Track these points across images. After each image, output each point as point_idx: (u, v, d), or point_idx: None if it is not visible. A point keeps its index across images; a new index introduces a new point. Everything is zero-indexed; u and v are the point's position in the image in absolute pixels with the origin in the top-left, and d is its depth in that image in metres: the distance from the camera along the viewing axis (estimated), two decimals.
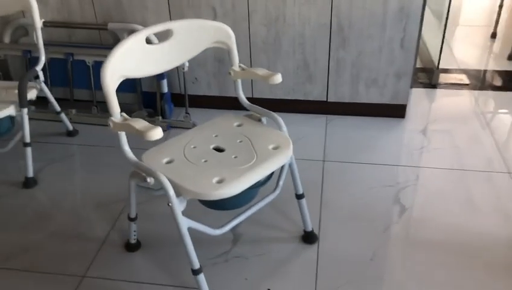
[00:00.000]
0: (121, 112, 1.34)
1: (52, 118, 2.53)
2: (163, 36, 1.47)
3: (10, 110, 1.98)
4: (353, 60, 2.40)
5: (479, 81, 2.98)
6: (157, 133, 1.23)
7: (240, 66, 1.63)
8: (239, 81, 1.67)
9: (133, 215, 1.66)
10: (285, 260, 1.71)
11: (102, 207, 1.97)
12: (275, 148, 1.49)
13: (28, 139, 2.05)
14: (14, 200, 2.03)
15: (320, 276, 1.63)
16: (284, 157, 1.48)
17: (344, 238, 1.79)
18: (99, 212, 1.94)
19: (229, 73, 1.64)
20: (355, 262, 1.68)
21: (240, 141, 1.54)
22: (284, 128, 1.60)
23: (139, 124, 1.27)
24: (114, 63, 1.31)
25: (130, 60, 1.36)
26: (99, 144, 2.41)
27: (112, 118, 1.33)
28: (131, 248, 1.74)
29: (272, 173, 1.50)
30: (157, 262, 1.70)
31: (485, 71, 3.15)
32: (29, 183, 2.09)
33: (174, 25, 1.47)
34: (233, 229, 1.82)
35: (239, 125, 1.63)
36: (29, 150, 2.07)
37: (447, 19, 2.74)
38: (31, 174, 2.10)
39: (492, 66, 3.26)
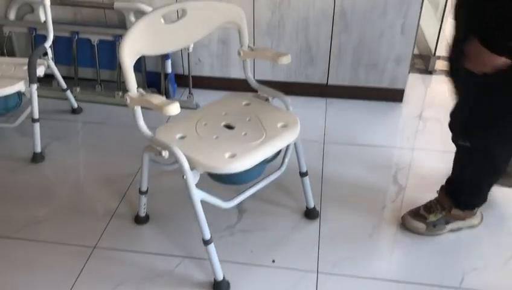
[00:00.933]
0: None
1: (56, 96, 2.57)
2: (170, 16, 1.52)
3: (20, 86, 2.02)
4: (354, 44, 2.46)
5: None
6: (175, 107, 1.29)
7: (249, 47, 1.68)
8: (248, 62, 1.73)
9: (144, 189, 1.72)
10: (289, 234, 1.79)
11: (110, 182, 2.02)
12: (284, 126, 1.56)
13: (36, 115, 2.10)
14: (23, 175, 2.07)
15: (322, 249, 1.71)
16: (292, 135, 1.55)
17: (344, 215, 1.87)
18: (107, 187, 2.00)
19: (239, 53, 1.70)
20: (355, 238, 1.77)
21: (249, 119, 1.60)
22: (291, 108, 1.66)
23: (157, 99, 1.33)
24: (132, 40, 1.36)
25: (147, 37, 1.41)
26: (103, 121, 2.45)
27: (129, 94, 1.38)
28: (140, 220, 1.80)
29: (280, 150, 1.56)
30: (166, 234, 1.77)
31: None
32: (37, 158, 2.14)
33: (188, 5, 1.51)
34: (238, 205, 1.88)
35: (247, 104, 1.69)
36: (37, 125, 2.11)
37: (445, 6, 2.81)
38: (38, 149, 2.14)
39: None
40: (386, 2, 2.33)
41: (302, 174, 1.78)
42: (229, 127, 1.57)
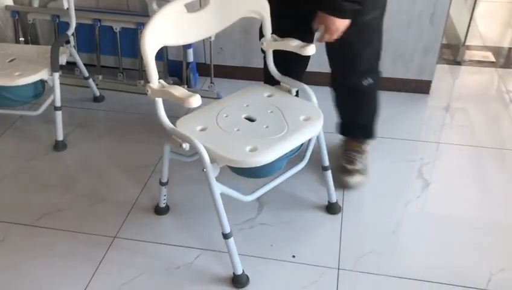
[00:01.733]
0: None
1: (78, 84, 2.57)
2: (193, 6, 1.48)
3: (43, 74, 2.02)
4: None
5: (505, 59, 2.95)
6: (196, 100, 1.26)
7: (272, 37, 1.64)
8: (270, 52, 1.69)
9: (164, 180, 1.71)
10: (310, 228, 1.76)
11: (131, 172, 2.02)
12: (306, 119, 1.52)
13: (59, 103, 2.10)
14: (45, 163, 2.09)
15: (343, 245, 1.68)
16: (315, 128, 1.51)
17: (367, 210, 1.83)
18: (127, 176, 2.00)
19: (262, 44, 1.66)
20: (378, 234, 1.73)
21: (271, 112, 1.56)
22: (315, 100, 1.62)
23: (178, 91, 1.30)
24: (154, 30, 1.33)
25: (169, 27, 1.38)
26: (125, 110, 2.45)
27: (151, 85, 1.36)
28: (160, 211, 1.80)
29: (302, 143, 1.53)
30: (185, 226, 1.76)
31: (510, 49, 3.11)
32: (59, 146, 2.15)
33: None
34: (258, 198, 1.86)
35: (269, 96, 1.66)
36: (59, 113, 2.11)
37: None
38: (61, 137, 2.15)
39: None
40: None
41: (325, 168, 1.74)
42: (250, 119, 1.53)
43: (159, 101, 1.40)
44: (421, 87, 2.52)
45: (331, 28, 1.51)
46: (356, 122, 1.91)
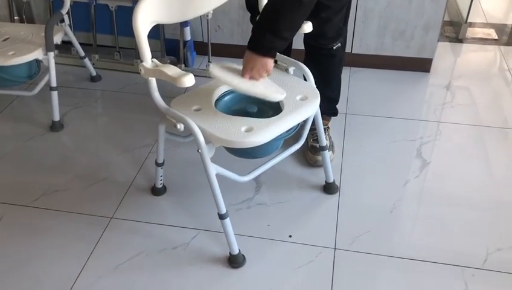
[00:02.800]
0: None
1: (74, 63, 2.55)
2: None
3: (37, 54, 2.00)
4: (381, 10, 2.35)
5: (508, 36, 2.90)
6: (189, 79, 1.24)
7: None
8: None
9: (160, 161, 1.70)
10: (307, 208, 1.75)
11: (128, 152, 2.01)
12: (303, 99, 1.50)
13: (54, 83, 2.08)
14: (42, 143, 2.08)
15: (340, 225, 1.67)
16: (312, 108, 1.49)
17: (365, 190, 1.82)
18: (124, 157, 1.99)
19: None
20: (375, 213, 1.72)
21: None
22: (312, 79, 1.59)
23: (171, 70, 1.28)
24: (145, 8, 1.31)
25: (162, 4, 1.35)
26: (122, 90, 2.43)
27: (143, 64, 1.33)
28: (157, 192, 1.79)
29: (298, 124, 1.51)
30: (182, 206, 1.76)
31: None
32: (55, 126, 2.14)
33: None
34: (255, 178, 1.85)
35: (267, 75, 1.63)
36: (55, 94, 2.09)
37: None
38: (57, 118, 2.13)
39: None
40: None
41: (322, 148, 1.73)
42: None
43: (153, 81, 1.38)
44: (422, 65, 2.49)
45: (257, 66, 1.41)
46: (322, 94, 1.82)
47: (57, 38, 2.08)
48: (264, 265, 1.54)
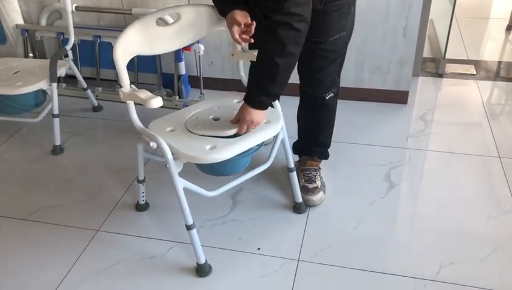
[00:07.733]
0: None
1: (79, 95, 2.78)
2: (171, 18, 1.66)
3: (42, 84, 2.23)
4: (358, 47, 2.54)
5: (487, 72, 3.05)
6: (157, 101, 1.43)
7: (241, 49, 1.81)
8: (241, 62, 1.86)
9: (141, 178, 1.87)
10: (277, 225, 1.89)
11: (119, 174, 2.20)
12: (266, 122, 1.67)
13: (56, 111, 2.30)
14: (43, 165, 2.29)
15: (306, 240, 1.80)
16: (272, 131, 1.66)
17: (332, 209, 1.96)
18: (116, 178, 2.18)
19: (232, 55, 1.83)
20: (340, 230, 1.85)
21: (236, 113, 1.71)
22: (278, 105, 1.77)
23: (144, 94, 1.48)
24: (125, 41, 1.52)
25: (140, 39, 1.56)
26: (120, 119, 2.64)
27: (122, 89, 1.53)
28: (140, 208, 1.96)
29: (262, 143, 1.67)
30: (162, 221, 1.92)
31: (499, 62, 3.21)
32: (56, 150, 2.35)
33: (181, 10, 1.66)
34: (232, 197, 2.02)
35: (238, 102, 1.81)
36: (57, 120, 2.32)
37: (453, 8, 2.83)
38: (58, 142, 2.35)
39: (506, 57, 3.32)
40: (388, 5, 2.39)
41: (290, 170, 1.89)
42: (216, 119, 1.70)
43: (131, 104, 1.58)
44: (399, 97, 2.64)
45: (246, 119, 1.57)
46: (315, 139, 2.00)
47: (61, 71, 2.32)
48: (230, 274, 1.68)
